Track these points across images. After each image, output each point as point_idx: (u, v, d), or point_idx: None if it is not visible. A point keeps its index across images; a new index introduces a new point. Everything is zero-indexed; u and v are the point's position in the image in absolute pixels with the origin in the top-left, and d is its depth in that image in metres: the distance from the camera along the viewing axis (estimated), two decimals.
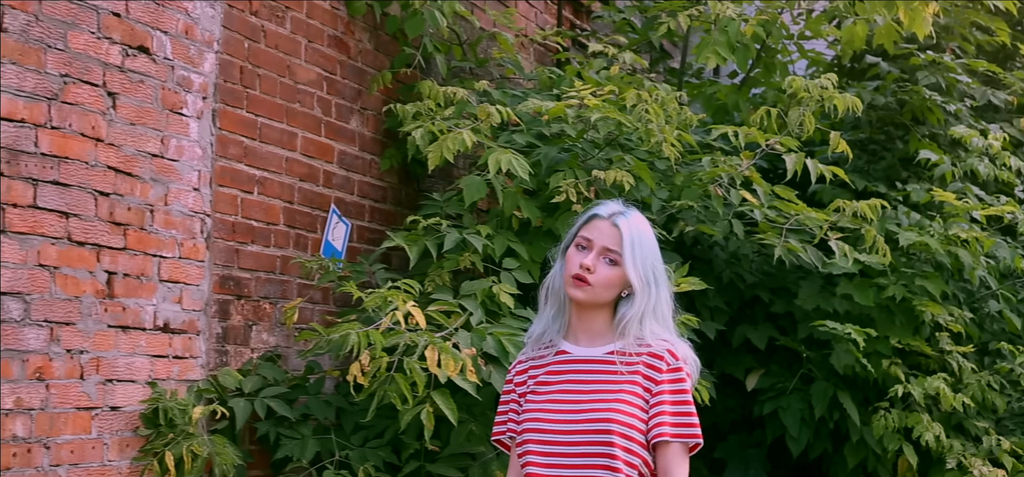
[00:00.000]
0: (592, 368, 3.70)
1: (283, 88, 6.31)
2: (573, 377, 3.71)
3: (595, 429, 3.60)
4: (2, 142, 4.77)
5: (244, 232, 6.03)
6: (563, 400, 3.67)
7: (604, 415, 3.61)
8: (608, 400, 3.63)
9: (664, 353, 3.66)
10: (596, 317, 3.71)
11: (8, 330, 4.79)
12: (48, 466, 4.96)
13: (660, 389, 3.63)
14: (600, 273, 3.65)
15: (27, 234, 4.87)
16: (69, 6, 5.07)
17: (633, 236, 3.67)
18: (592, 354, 3.72)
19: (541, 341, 3.81)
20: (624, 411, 3.61)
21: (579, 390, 3.68)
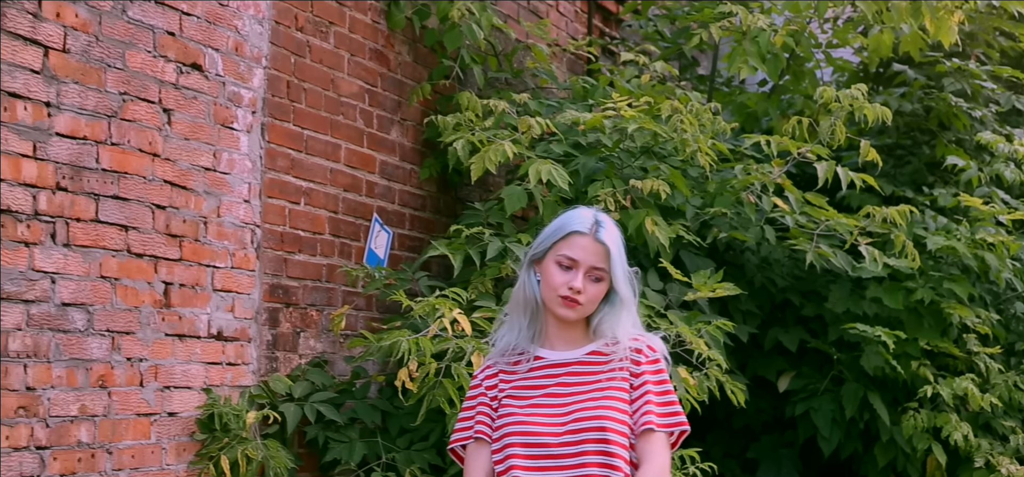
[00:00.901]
0: (574, 370, 3.68)
1: (327, 101, 6.50)
2: (557, 381, 3.68)
3: (591, 427, 3.57)
4: (66, 159, 4.96)
5: (292, 242, 6.21)
6: (550, 406, 3.64)
7: (598, 413, 3.59)
8: (599, 399, 3.61)
9: (643, 347, 3.67)
10: (578, 326, 3.70)
11: (73, 339, 4.98)
12: (111, 470, 5.15)
13: (642, 380, 3.63)
14: (589, 293, 3.63)
15: (90, 247, 5.06)
16: (127, 26, 5.26)
17: (618, 249, 3.66)
18: (571, 357, 3.70)
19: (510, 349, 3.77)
20: (617, 407, 3.60)
21: (566, 394, 3.65)
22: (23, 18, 4.79)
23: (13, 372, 4.72)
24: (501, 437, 3.66)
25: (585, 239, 3.63)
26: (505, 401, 3.70)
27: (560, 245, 3.64)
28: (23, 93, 4.78)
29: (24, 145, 4.77)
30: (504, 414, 3.68)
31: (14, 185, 4.73)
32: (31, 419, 4.79)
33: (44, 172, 4.86)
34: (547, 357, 3.71)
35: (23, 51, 4.79)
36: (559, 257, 3.63)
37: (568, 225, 3.67)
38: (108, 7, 5.17)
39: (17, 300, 4.74)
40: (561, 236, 3.66)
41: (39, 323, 4.83)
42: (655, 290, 6.49)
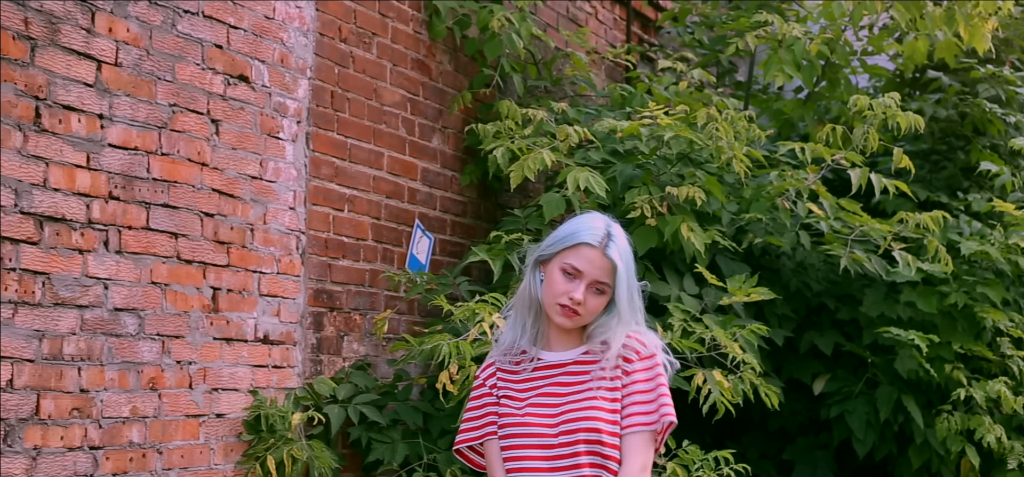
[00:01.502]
0: (569, 371, 3.68)
1: (370, 110, 6.65)
2: (551, 381, 3.68)
3: (582, 427, 3.58)
4: (118, 169, 5.13)
5: (336, 248, 6.37)
6: (548, 405, 3.64)
7: (588, 413, 3.59)
8: (588, 399, 3.61)
9: (636, 345, 3.64)
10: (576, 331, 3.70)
11: (125, 343, 5.15)
12: (161, 470, 5.32)
13: (631, 378, 3.62)
14: (589, 305, 3.61)
15: (141, 254, 5.23)
16: (176, 40, 5.43)
17: (625, 265, 3.64)
18: (566, 357, 3.69)
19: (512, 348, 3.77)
20: (606, 407, 3.60)
21: (559, 394, 3.65)
22: (77, 33, 4.96)
23: (68, 375, 4.89)
24: (508, 434, 3.68)
25: (593, 252, 3.61)
26: (503, 400, 3.71)
27: (568, 253, 3.61)
28: (77, 106, 4.96)
29: (78, 156, 4.95)
30: (504, 413, 3.70)
31: (69, 194, 4.91)
32: (85, 420, 4.97)
33: (97, 182, 5.03)
34: (544, 358, 3.71)
35: (77, 65, 4.96)
36: (564, 265, 3.61)
37: (578, 235, 3.63)
38: (158, 21, 5.34)
39: (72, 305, 4.92)
40: (570, 244, 3.62)
41: (92, 327, 5.00)
42: (691, 295, 6.61)
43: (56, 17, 4.87)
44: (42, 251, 4.80)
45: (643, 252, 6.43)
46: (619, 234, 3.67)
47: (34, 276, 4.76)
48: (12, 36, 4.70)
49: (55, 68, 4.87)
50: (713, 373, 5.97)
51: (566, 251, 3.61)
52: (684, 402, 6.28)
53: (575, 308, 3.60)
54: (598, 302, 3.63)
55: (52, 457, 4.83)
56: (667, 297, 6.53)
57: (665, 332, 6.05)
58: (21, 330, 4.70)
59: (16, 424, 4.68)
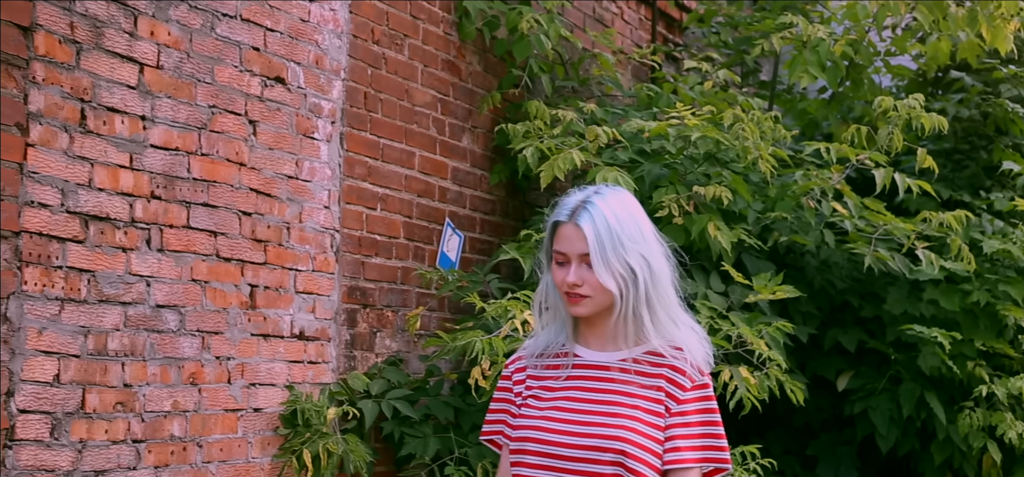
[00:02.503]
0: (604, 376, 3.37)
1: (402, 111, 6.77)
2: (582, 385, 3.39)
3: (608, 447, 3.25)
4: (159, 169, 5.26)
5: (369, 246, 6.49)
6: (570, 410, 3.34)
7: (619, 433, 3.26)
8: (622, 417, 3.29)
9: (686, 367, 3.31)
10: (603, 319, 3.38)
11: (166, 339, 5.28)
12: (201, 463, 5.45)
13: (682, 409, 3.30)
14: (590, 282, 3.31)
15: (181, 252, 5.36)
16: (216, 43, 5.56)
17: (598, 232, 3.29)
18: (605, 360, 3.39)
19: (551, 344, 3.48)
20: (640, 430, 3.28)
21: (588, 400, 3.35)
22: (120, 37, 5.09)
23: (112, 370, 5.02)
24: (519, 436, 3.38)
25: (567, 228, 3.34)
26: (529, 400, 3.43)
27: (554, 241, 3.37)
28: (120, 108, 5.08)
29: (122, 156, 5.08)
30: (523, 415, 3.41)
31: (112, 194, 5.04)
32: (128, 414, 5.10)
33: (140, 182, 5.16)
34: (582, 356, 3.42)
35: (120, 68, 5.09)
36: (554, 254, 3.37)
37: (554, 217, 3.40)
38: (198, 24, 5.46)
39: (115, 302, 5.05)
40: (551, 232, 3.40)
41: (135, 324, 5.13)
42: (717, 292, 6.72)
43: (100, 21, 5.00)
44: (87, 249, 4.93)
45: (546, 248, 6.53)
46: (596, 201, 3.34)
47: (80, 274, 4.89)
48: (58, 39, 4.82)
49: (99, 71, 5.00)
50: (739, 370, 6.08)
51: (551, 239, 3.38)
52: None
53: (576, 292, 3.32)
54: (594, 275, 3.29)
55: (97, 450, 4.96)
56: (694, 294, 6.63)
57: None
58: (68, 326, 4.84)
59: (63, 418, 4.82)
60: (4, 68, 4.61)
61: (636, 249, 3.31)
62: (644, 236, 3.35)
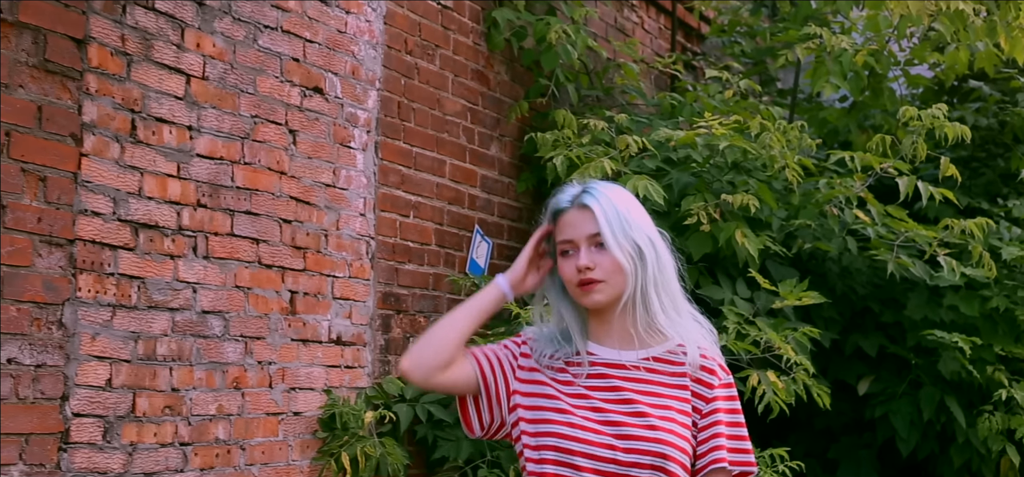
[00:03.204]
0: (628, 377, 3.19)
1: (434, 120, 6.90)
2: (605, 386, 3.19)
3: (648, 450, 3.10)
4: (205, 178, 5.39)
5: (402, 252, 6.62)
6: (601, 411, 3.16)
7: (655, 435, 3.11)
8: (655, 418, 3.13)
9: (715, 367, 3.20)
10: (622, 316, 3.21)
11: (211, 344, 5.40)
12: (244, 465, 5.57)
13: (713, 407, 3.18)
14: (603, 265, 3.15)
15: (226, 259, 5.49)
16: (258, 54, 5.68)
17: (605, 210, 3.16)
18: (624, 359, 3.21)
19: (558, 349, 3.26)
20: (676, 431, 3.14)
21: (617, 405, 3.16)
22: (168, 49, 5.22)
23: (160, 374, 5.15)
24: (538, 448, 3.17)
25: (570, 214, 3.21)
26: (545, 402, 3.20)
27: (557, 233, 3.24)
28: (168, 118, 5.21)
29: (170, 166, 5.21)
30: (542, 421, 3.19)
31: (161, 203, 5.16)
32: (176, 417, 5.22)
33: (186, 190, 5.29)
34: (597, 354, 3.22)
35: (168, 79, 5.22)
36: (560, 246, 3.22)
37: (552, 207, 3.28)
38: (241, 36, 5.59)
39: (164, 308, 5.17)
40: (553, 225, 3.26)
41: (182, 329, 5.26)
42: (744, 298, 6.84)
43: (150, 33, 5.13)
44: (137, 256, 5.05)
45: (698, 257, 6.66)
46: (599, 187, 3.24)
47: (130, 280, 5.02)
48: (110, 52, 4.95)
49: (149, 82, 5.13)
50: (767, 374, 6.19)
51: (555, 232, 3.24)
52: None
53: (589, 276, 3.15)
54: (609, 258, 3.15)
55: (146, 453, 5.08)
56: (721, 301, 6.75)
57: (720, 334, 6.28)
58: (119, 332, 4.96)
59: (114, 421, 4.94)
60: (59, 80, 4.74)
61: (642, 230, 3.18)
62: (647, 221, 3.23)
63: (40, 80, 4.67)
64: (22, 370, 4.58)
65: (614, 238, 3.14)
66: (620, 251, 3.14)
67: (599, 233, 3.15)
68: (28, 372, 4.60)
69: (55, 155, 4.72)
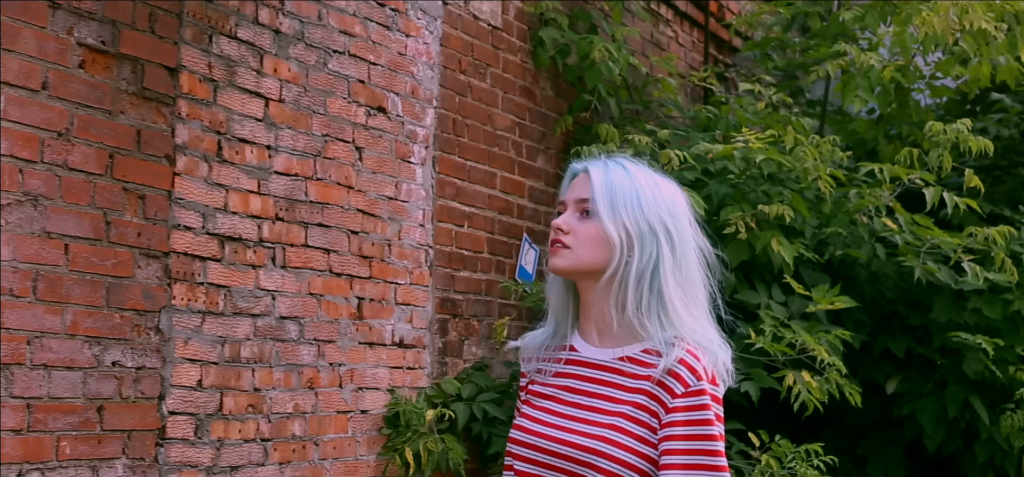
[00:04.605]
0: (595, 377, 2.96)
1: (485, 135, 7.32)
2: (573, 385, 2.98)
3: (578, 457, 2.86)
4: (282, 193, 5.81)
5: (458, 260, 7.04)
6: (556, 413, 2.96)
7: (589, 443, 2.86)
8: (599, 425, 2.87)
9: (680, 370, 2.84)
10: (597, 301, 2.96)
11: (288, 348, 5.83)
12: (317, 460, 5.99)
13: (670, 419, 2.83)
14: (578, 232, 2.93)
15: (301, 268, 5.91)
16: (328, 77, 6.10)
17: (609, 179, 2.92)
18: (600, 357, 2.96)
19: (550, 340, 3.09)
20: (614, 439, 2.85)
21: (574, 404, 2.95)
22: (249, 75, 5.64)
23: (244, 375, 5.57)
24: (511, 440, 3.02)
25: (578, 178, 3.01)
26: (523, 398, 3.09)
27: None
28: (250, 138, 5.63)
29: (251, 183, 5.63)
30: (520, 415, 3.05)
31: (244, 217, 5.58)
32: (257, 416, 5.65)
33: (266, 205, 5.71)
34: (579, 352, 3.01)
35: (250, 103, 5.64)
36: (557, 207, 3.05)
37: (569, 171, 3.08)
38: (313, 61, 6.01)
39: (247, 314, 5.59)
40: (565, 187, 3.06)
41: (263, 334, 5.68)
42: (779, 302, 7.23)
43: (233, 60, 5.55)
44: (224, 267, 5.48)
45: (736, 264, 7.06)
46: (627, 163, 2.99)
47: (218, 289, 5.44)
48: (198, 78, 5.38)
49: (232, 105, 5.55)
50: (802, 374, 6.59)
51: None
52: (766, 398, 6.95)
53: (559, 238, 2.96)
54: (587, 228, 2.93)
55: (232, 448, 5.51)
56: (757, 305, 7.14)
57: (757, 337, 6.68)
58: (208, 336, 5.39)
59: (204, 419, 5.37)
60: (155, 106, 5.17)
61: (659, 216, 2.91)
62: (676, 215, 2.94)
63: (138, 106, 5.10)
64: (125, 372, 5.01)
65: (609, 208, 2.89)
66: (612, 223, 2.89)
67: (588, 199, 2.92)
68: (130, 374, 5.03)
69: (152, 175, 5.14)
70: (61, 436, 4.76)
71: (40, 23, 4.71)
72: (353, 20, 6.28)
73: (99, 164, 4.92)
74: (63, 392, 4.77)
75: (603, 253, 2.91)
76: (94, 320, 4.89)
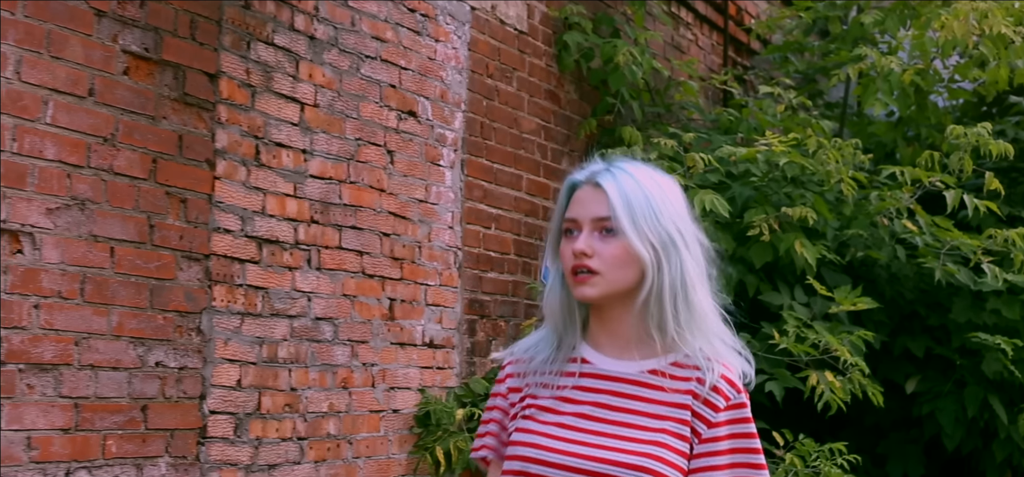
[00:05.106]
0: (625, 391, 2.79)
1: (512, 138, 7.43)
2: (600, 400, 2.79)
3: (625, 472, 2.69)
4: (317, 196, 5.92)
5: (485, 262, 7.15)
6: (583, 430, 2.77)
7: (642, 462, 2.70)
8: (646, 443, 2.72)
9: (723, 387, 2.76)
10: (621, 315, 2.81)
11: (323, 348, 5.94)
12: (351, 458, 6.10)
13: (714, 435, 2.75)
14: (602, 254, 2.74)
15: (335, 270, 6.02)
16: (360, 82, 6.21)
17: (624, 191, 2.75)
18: (624, 371, 2.80)
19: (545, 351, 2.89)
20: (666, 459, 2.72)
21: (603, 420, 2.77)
22: (286, 80, 5.75)
23: (281, 375, 5.68)
24: (510, 458, 2.80)
25: (584, 191, 2.83)
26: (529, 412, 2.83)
27: (567, 211, 2.86)
28: (286, 143, 5.74)
29: (287, 186, 5.74)
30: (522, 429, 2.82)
31: (281, 220, 5.69)
32: (294, 415, 5.76)
33: (302, 208, 5.82)
34: (594, 364, 2.83)
35: (286, 108, 5.76)
36: (565, 224, 2.84)
37: (568, 182, 2.90)
38: (346, 66, 6.12)
39: (284, 315, 5.71)
40: (565, 200, 2.88)
41: (299, 334, 5.79)
42: (801, 303, 7.33)
43: (270, 66, 5.66)
44: (262, 269, 5.59)
45: (759, 265, 7.16)
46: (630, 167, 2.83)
47: (256, 291, 5.56)
48: (237, 84, 5.49)
49: (269, 110, 5.66)
50: (825, 374, 6.69)
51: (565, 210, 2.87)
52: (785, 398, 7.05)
53: (585, 263, 2.74)
54: (613, 248, 2.75)
55: (270, 446, 5.62)
56: (780, 306, 7.25)
57: (781, 337, 6.78)
58: (247, 337, 5.50)
59: (243, 418, 5.48)
60: (195, 111, 5.28)
61: (673, 220, 2.78)
62: (682, 214, 2.82)
63: (180, 112, 5.21)
64: (168, 372, 5.12)
65: (632, 224, 2.73)
66: (639, 239, 2.73)
67: (608, 217, 2.75)
68: (173, 374, 5.14)
69: (193, 179, 5.25)
70: (107, 435, 4.87)
71: (86, 31, 4.82)
72: (384, 26, 6.38)
73: (143, 169, 5.03)
74: (109, 392, 4.88)
75: (633, 273, 2.75)
76: (138, 321, 5.00)
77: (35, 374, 4.61)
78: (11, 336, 4.52)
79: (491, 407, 2.94)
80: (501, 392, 2.92)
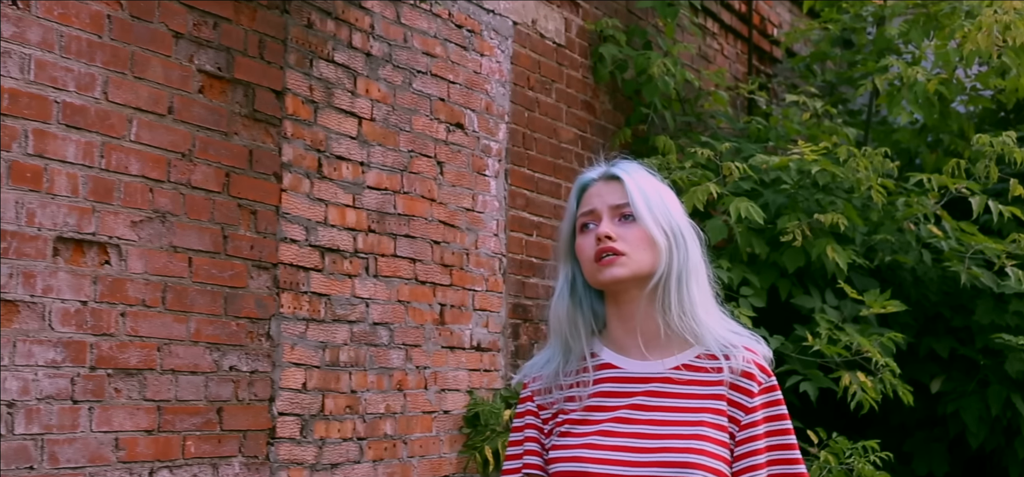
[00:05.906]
0: (656, 390, 2.83)
1: (551, 148, 7.68)
2: (630, 403, 2.83)
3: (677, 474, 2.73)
4: (374, 207, 6.18)
5: (528, 268, 7.40)
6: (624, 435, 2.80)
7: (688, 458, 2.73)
8: (688, 438, 2.75)
9: (754, 370, 2.82)
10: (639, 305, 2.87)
11: (380, 352, 6.20)
12: (406, 458, 6.36)
13: (752, 420, 2.80)
14: (627, 236, 2.83)
15: (390, 277, 6.28)
16: (412, 96, 6.47)
17: (637, 182, 2.88)
18: (652, 371, 2.85)
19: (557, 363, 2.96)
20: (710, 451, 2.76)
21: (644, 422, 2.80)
22: (345, 96, 6.01)
23: (342, 378, 5.94)
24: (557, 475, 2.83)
25: (596, 185, 2.96)
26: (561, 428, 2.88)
27: (580, 208, 2.97)
28: (346, 156, 6.00)
29: (347, 197, 6.00)
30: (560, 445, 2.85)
31: (341, 229, 5.95)
32: (354, 416, 6.02)
33: (360, 218, 6.08)
34: (622, 368, 2.88)
35: (345, 122, 6.01)
36: (580, 220, 2.94)
37: (578, 184, 3.02)
38: (399, 81, 6.38)
39: (344, 321, 5.96)
40: (576, 202, 2.99)
41: (359, 339, 6.05)
42: (832, 307, 7.59)
43: (330, 82, 5.92)
44: (324, 277, 5.85)
45: (792, 270, 7.42)
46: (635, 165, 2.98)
47: (319, 298, 5.82)
48: (301, 100, 5.75)
49: (330, 125, 5.92)
50: (857, 374, 6.95)
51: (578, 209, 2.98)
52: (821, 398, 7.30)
53: (611, 246, 2.82)
54: (636, 232, 2.84)
55: (332, 446, 5.88)
56: (811, 309, 7.51)
57: (814, 339, 7.05)
58: (311, 342, 5.76)
59: (309, 419, 5.74)
60: (264, 127, 5.54)
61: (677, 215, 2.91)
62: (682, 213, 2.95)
63: (250, 127, 5.47)
64: (241, 376, 5.38)
65: (648, 210, 2.84)
66: (654, 224, 2.83)
67: (627, 203, 2.85)
68: (245, 377, 5.40)
69: (262, 191, 5.51)
70: (187, 436, 5.14)
71: (165, 52, 5.08)
72: (434, 42, 6.65)
73: (217, 182, 5.29)
74: (188, 395, 5.14)
75: (652, 256, 2.83)
76: (214, 328, 5.26)
77: (122, 378, 4.87)
78: (100, 343, 4.79)
79: (521, 427, 2.97)
80: (531, 410, 2.95)
